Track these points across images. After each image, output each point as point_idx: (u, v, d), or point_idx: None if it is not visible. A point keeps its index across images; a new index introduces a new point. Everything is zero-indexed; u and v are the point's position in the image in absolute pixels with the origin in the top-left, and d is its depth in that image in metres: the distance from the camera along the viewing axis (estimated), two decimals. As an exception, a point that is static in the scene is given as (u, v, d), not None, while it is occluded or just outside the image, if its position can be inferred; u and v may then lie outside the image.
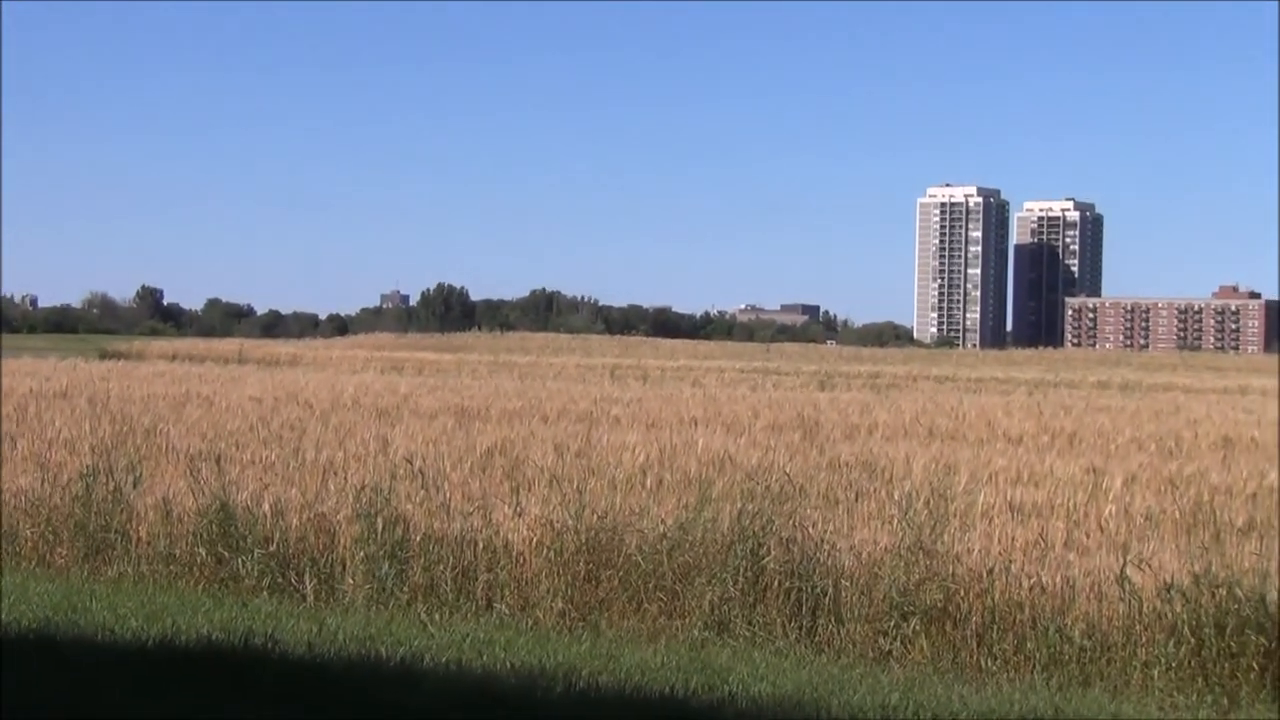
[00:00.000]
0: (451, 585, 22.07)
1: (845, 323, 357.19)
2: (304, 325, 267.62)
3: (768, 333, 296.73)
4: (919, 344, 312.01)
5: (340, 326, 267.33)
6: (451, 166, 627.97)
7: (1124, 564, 19.13)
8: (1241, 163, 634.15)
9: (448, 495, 24.20)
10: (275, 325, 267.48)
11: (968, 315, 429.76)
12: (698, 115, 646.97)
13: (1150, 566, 19.07)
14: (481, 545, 22.34)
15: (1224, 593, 18.06)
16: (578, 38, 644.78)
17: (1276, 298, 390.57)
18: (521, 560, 22.04)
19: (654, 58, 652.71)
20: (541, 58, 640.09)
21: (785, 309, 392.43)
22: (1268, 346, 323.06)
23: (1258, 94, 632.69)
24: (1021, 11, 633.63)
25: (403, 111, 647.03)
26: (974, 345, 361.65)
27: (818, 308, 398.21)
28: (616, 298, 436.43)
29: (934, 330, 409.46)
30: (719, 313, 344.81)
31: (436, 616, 21.17)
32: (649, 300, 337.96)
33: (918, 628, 19.39)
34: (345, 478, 25.66)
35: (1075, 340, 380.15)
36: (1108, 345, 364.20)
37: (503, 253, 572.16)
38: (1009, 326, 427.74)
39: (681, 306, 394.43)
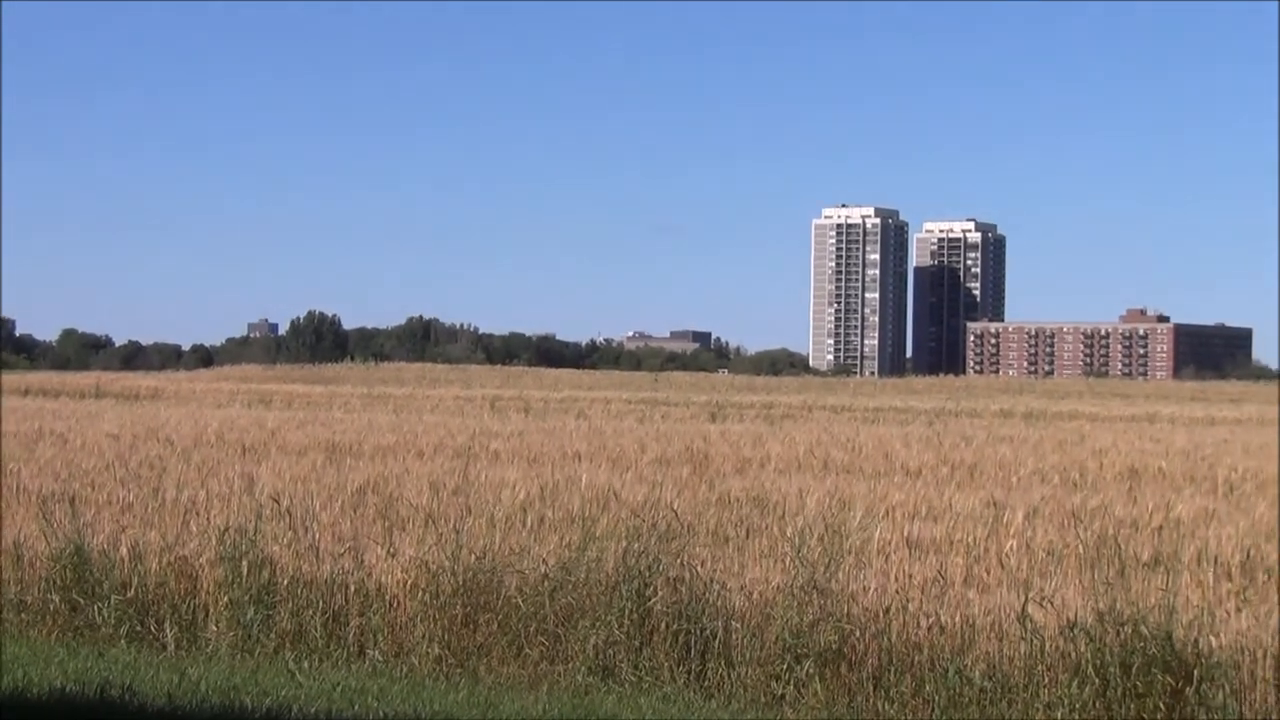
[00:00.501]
0: (321, 631, 21.98)
1: (737, 350, 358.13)
2: (166, 357, 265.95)
3: (656, 361, 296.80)
4: (815, 372, 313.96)
5: (205, 358, 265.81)
6: (323, 190, 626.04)
7: (1025, 601, 19.28)
8: (1147, 181, 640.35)
9: (317, 536, 24.13)
10: (135, 357, 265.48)
11: (865, 341, 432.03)
12: (578, 135, 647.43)
13: (1053, 604, 19.22)
14: (353, 588, 22.27)
15: (1129, 630, 18.23)
16: (451, 54, 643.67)
17: (1186, 321, 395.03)
18: (395, 604, 21.97)
19: (534, 77, 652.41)
20: (412, 77, 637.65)
21: (675, 336, 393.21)
22: (1177, 372, 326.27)
23: (1168, 108, 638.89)
24: (916, 28, 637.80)
25: (270, 133, 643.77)
26: (872, 373, 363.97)
27: (709, 335, 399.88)
28: (497, 325, 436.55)
29: (830, 357, 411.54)
30: (605, 340, 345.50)
31: (305, 664, 21.08)
32: (531, 328, 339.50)
33: (812, 670, 19.45)
34: (208, 518, 25.52)
35: (977, 367, 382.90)
36: (1011, 372, 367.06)
37: (377, 279, 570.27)
38: (908, 353, 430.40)
39: (566, 334, 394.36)
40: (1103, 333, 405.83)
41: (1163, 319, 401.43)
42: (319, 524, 25.20)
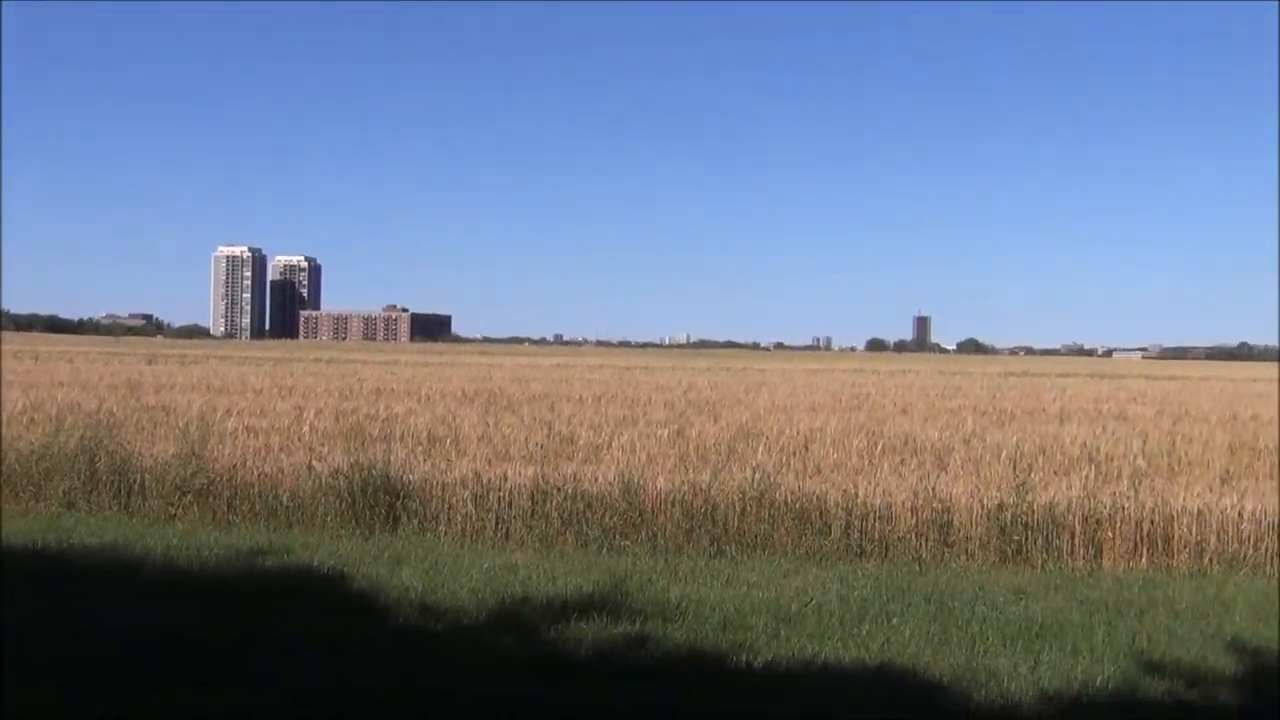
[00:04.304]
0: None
1: (169, 324, 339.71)
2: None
3: (122, 329, 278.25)
4: (213, 336, 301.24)
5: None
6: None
7: (310, 459, 19.17)
8: (423, 214, 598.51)
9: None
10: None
11: (243, 320, 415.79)
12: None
13: (327, 460, 19.20)
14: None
15: (366, 472, 18.41)
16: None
17: (418, 311, 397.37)
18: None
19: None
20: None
21: (133, 315, 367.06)
22: (412, 339, 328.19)
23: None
24: (300, 122, 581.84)
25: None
26: (246, 337, 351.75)
27: (151, 315, 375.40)
28: (24, 307, 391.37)
29: (223, 328, 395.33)
30: (90, 318, 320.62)
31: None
32: (45, 309, 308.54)
33: (191, 500, 18.83)
34: None
35: (306, 336, 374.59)
36: (324, 338, 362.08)
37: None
38: (267, 326, 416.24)
39: (66, 314, 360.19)
40: (374, 317, 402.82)
41: (405, 309, 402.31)
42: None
